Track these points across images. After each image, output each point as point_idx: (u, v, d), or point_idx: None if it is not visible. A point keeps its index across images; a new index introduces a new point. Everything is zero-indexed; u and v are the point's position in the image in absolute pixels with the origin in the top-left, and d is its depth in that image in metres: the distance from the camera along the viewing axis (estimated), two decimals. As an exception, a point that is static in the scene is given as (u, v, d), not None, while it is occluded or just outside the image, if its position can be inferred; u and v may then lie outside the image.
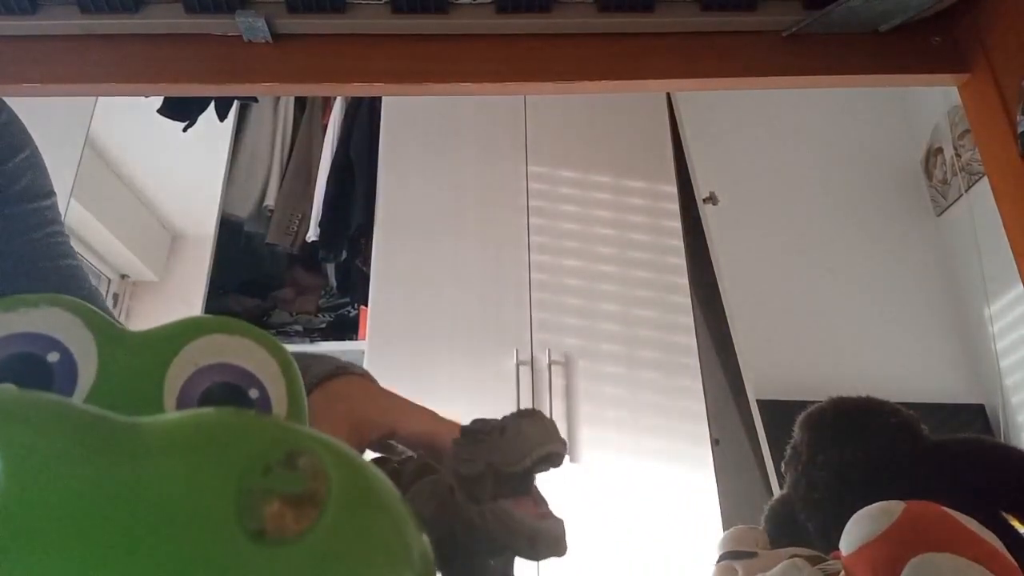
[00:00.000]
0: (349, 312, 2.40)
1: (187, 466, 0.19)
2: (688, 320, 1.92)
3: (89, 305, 0.29)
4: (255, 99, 2.30)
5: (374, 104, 2.25)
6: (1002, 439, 1.97)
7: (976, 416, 2.08)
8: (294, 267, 2.46)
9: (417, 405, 0.46)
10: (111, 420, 0.20)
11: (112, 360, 0.28)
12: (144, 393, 0.27)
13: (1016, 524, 0.57)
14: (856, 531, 0.48)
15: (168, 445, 0.20)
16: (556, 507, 0.37)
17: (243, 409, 0.28)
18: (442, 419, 0.44)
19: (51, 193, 0.55)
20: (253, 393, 0.29)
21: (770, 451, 1.82)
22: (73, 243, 0.56)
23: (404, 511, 0.23)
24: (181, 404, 0.28)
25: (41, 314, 0.27)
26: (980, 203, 2.03)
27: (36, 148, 0.55)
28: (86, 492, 0.17)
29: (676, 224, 2.03)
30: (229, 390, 0.29)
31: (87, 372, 0.27)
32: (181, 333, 0.30)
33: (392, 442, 0.45)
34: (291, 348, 0.38)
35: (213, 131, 2.22)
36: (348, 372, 0.47)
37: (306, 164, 2.32)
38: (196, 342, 0.29)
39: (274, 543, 0.18)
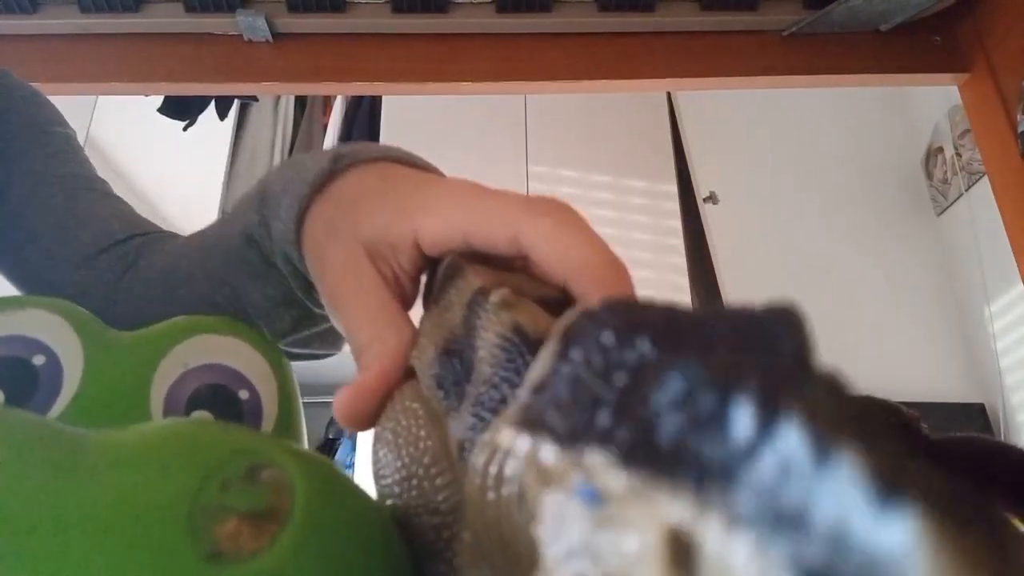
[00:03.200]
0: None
1: (135, 481, 0.18)
2: (688, 320, 1.91)
3: (77, 307, 0.28)
4: (255, 98, 2.30)
5: (374, 103, 2.25)
6: (1002, 438, 1.97)
7: (976, 416, 2.08)
8: (294, 266, 2.46)
9: (460, 185, 0.29)
10: (61, 432, 0.19)
11: (98, 362, 0.27)
12: (131, 395, 0.27)
13: (1017, 523, 0.57)
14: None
15: (118, 458, 0.18)
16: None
17: (208, 420, 0.27)
18: (491, 193, 0.28)
19: (56, 123, 0.51)
20: (243, 394, 0.29)
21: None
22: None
23: (381, 526, 0.22)
24: (168, 406, 0.27)
25: (27, 316, 0.27)
26: (980, 203, 2.03)
27: (36, 92, 0.53)
28: (21, 507, 0.16)
29: (676, 224, 2.03)
30: (218, 392, 0.28)
31: (73, 375, 0.27)
32: (170, 334, 0.29)
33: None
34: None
35: (213, 130, 2.22)
36: (357, 162, 0.32)
37: (306, 163, 2.32)
38: (185, 343, 0.29)
39: (228, 563, 0.17)
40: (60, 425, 0.19)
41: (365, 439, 1.96)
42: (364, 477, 1.82)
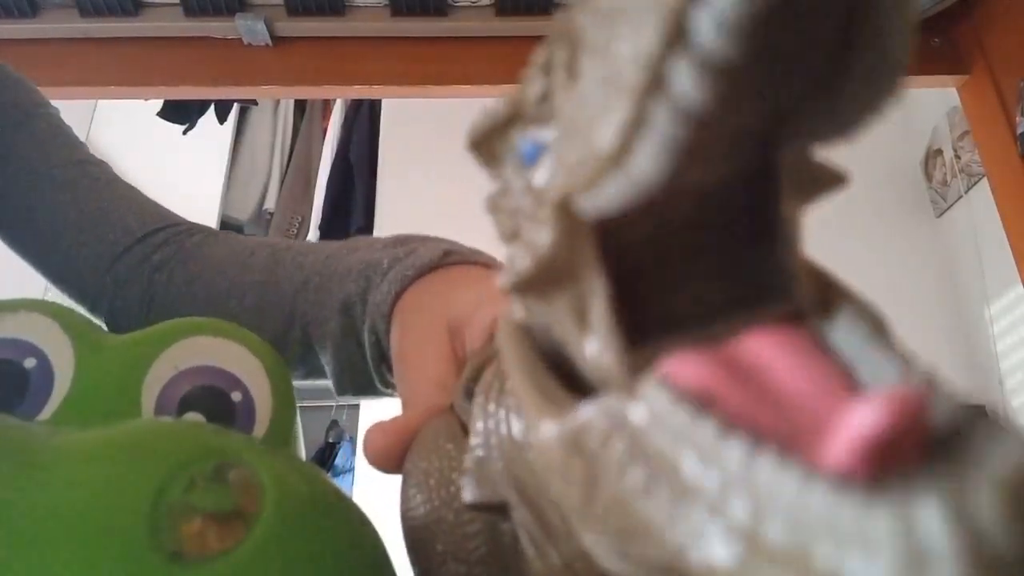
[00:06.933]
0: (349, 315, 2.39)
1: (98, 478, 0.17)
2: (688, 322, 1.91)
3: (69, 308, 0.28)
4: (255, 102, 2.30)
5: (374, 107, 2.25)
6: (1003, 440, 1.96)
7: (976, 418, 2.08)
8: (294, 270, 2.46)
9: None
10: (25, 428, 0.19)
11: (89, 365, 0.27)
12: (122, 398, 0.27)
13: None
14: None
15: (80, 455, 0.18)
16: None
17: (189, 420, 0.27)
18: None
19: (36, 103, 0.50)
20: (236, 396, 0.29)
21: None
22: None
23: (356, 526, 0.21)
24: (160, 408, 0.27)
25: (19, 319, 0.27)
26: (980, 205, 2.03)
27: (8, 73, 0.51)
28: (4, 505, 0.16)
29: (676, 226, 2.03)
30: (210, 393, 0.28)
31: (63, 377, 0.26)
32: (162, 336, 0.29)
33: None
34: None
35: (213, 134, 2.22)
36: (456, 262, 0.36)
37: (306, 167, 2.32)
38: (177, 344, 0.29)
39: (192, 563, 0.16)
40: (16, 421, 0.19)
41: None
42: (363, 481, 1.82)
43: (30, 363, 0.26)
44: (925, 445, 0.09)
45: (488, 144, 0.15)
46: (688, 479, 0.10)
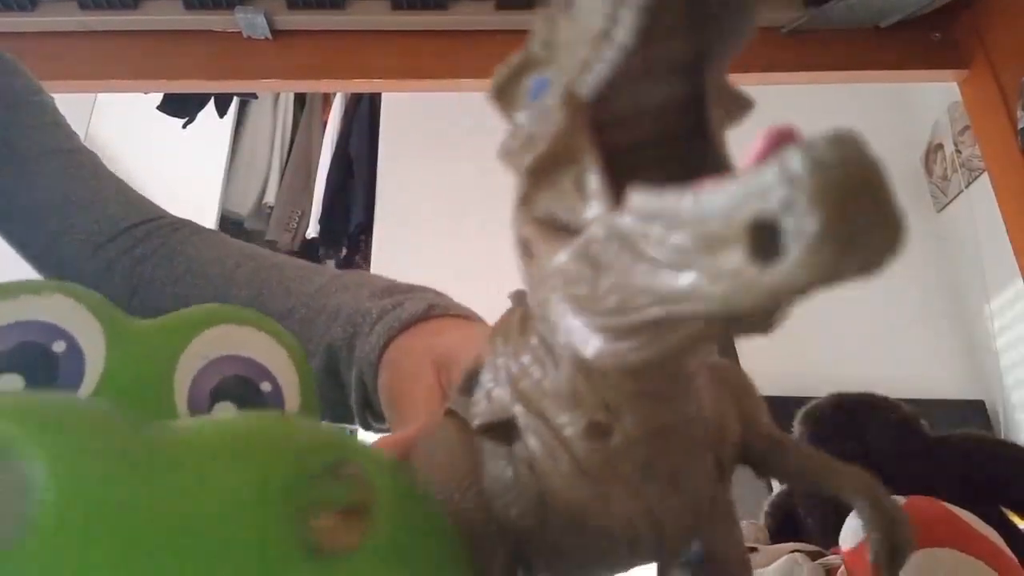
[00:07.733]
0: (349, 309, 2.40)
1: (229, 475, 0.17)
2: (688, 317, 1.91)
3: (96, 293, 0.27)
4: (255, 95, 2.30)
5: (374, 100, 2.25)
6: (1002, 435, 1.97)
7: (976, 412, 2.08)
8: (294, 264, 2.46)
9: None
10: (151, 428, 0.18)
11: (120, 352, 0.26)
12: (156, 386, 0.26)
13: (1017, 520, 0.57)
14: (857, 527, 0.48)
15: (206, 453, 0.17)
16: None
17: (279, 413, 0.27)
18: None
19: (32, 91, 0.50)
20: (265, 386, 0.28)
21: (770, 447, 1.82)
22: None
23: (444, 519, 0.22)
24: (192, 399, 0.27)
25: (44, 301, 0.26)
26: (980, 200, 2.03)
27: (8, 59, 0.51)
28: (131, 509, 0.15)
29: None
30: (241, 384, 0.28)
31: (95, 364, 0.25)
32: (190, 323, 0.28)
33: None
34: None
35: (212, 128, 2.21)
36: (439, 314, 0.39)
37: (306, 161, 2.32)
38: (205, 333, 0.28)
39: (330, 557, 0.17)
40: (119, 412, 0.18)
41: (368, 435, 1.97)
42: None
43: (59, 347, 0.25)
44: None
45: (507, 90, 0.20)
46: (657, 242, 0.14)
